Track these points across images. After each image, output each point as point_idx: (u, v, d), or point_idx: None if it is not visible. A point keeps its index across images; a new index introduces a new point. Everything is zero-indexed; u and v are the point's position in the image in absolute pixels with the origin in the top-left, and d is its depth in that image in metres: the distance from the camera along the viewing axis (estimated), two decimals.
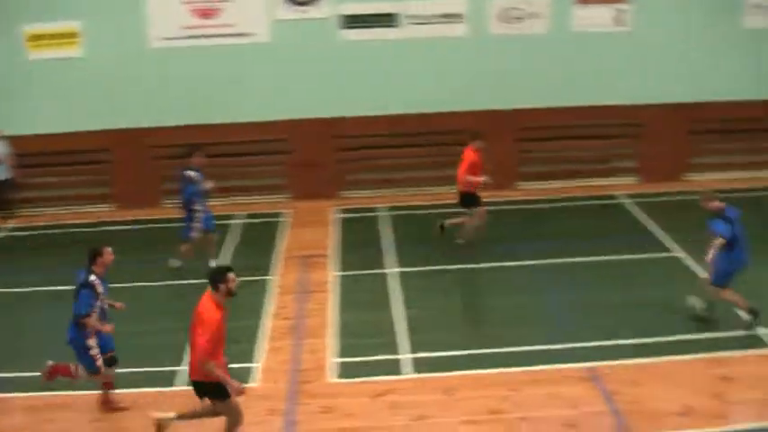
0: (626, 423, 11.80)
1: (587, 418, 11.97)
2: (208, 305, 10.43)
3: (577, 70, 21.53)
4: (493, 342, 14.03)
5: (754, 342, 14.08)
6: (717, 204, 14.20)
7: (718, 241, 13.94)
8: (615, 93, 21.71)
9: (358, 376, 13.09)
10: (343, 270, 17.26)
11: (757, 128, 22.45)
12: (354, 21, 20.77)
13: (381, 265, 17.35)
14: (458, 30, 21.01)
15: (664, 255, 17.74)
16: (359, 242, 18.73)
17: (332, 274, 17.02)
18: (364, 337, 14.31)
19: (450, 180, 21.37)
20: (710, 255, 13.99)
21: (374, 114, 21.16)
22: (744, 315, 14.50)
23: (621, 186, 22.00)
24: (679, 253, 17.73)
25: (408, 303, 15.57)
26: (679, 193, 21.54)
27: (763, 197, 20.67)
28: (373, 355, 13.62)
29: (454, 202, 18.11)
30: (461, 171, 17.64)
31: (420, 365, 13.40)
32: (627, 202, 20.96)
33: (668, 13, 21.60)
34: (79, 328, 11.77)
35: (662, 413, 12.04)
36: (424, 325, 14.75)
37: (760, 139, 22.66)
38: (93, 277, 11.79)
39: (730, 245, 14.00)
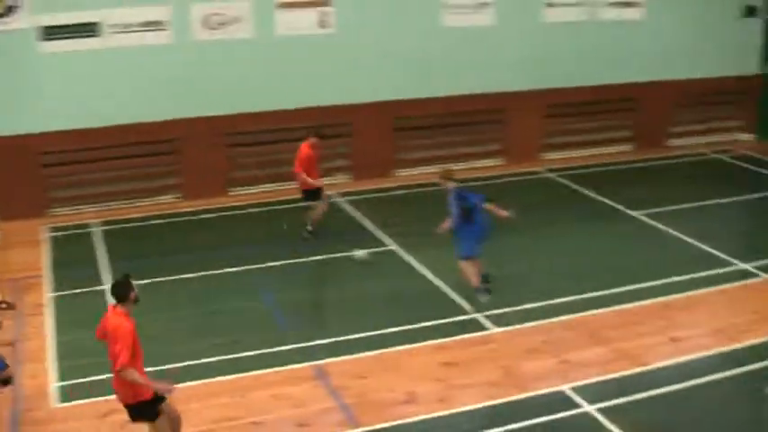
0: (354, 416, 12.07)
1: (317, 415, 12.16)
2: (118, 320, 10.15)
3: (285, 73, 21.69)
4: (219, 350, 13.93)
5: (473, 326, 14.77)
6: (452, 184, 15.30)
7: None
8: (324, 94, 22.07)
9: (83, 398, 12.67)
10: (59, 290, 16.57)
11: (459, 122, 23.51)
12: (54, 31, 19.95)
13: (99, 282, 16.80)
14: (162, 37, 20.65)
15: (381, 249, 18.22)
16: (73, 260, 18.06)
17: (47, 296, 16.39)
18: (87, 357, 13.79)
19: (162, 190, 21.31)
20: (452, 222, 15.15)
21: (78, 128, 20.41)
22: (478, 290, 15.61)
23: (336, 185, 22.38)
24: (394, 246, 18.27)
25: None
26: (389, 189, 22.23)
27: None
28: (98, 375, 13.17)
29: (168, 212, 17.84)
30: (312, 167, 18.18)
31: None
32: (342, 200, 21.35)
33: (370, 15, 22.17)
34: None
35: (388, 403, 12.41)
36: (149, 338, 14.39)
37: (461, 133, 23.77)
38: None
39: (469, 218, 15.11)
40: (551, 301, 15.58)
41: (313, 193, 18.57)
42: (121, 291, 10.36)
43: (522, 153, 24.51)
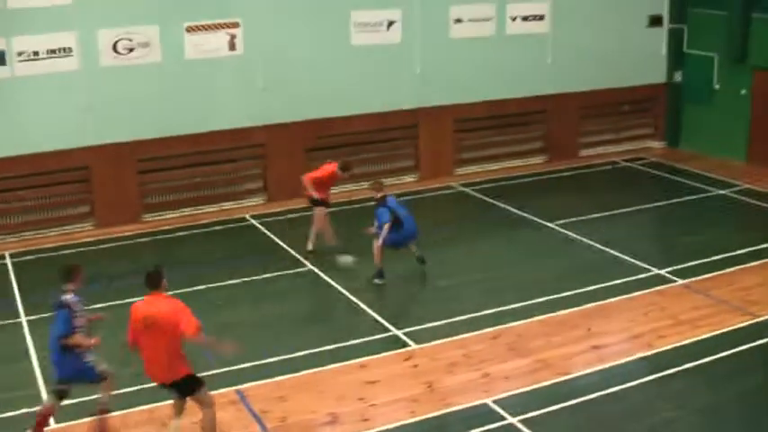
0: None
1: None
2: (170, 301, 11.07)
3: (195, 97, 21.49)
4: (139, 379, 13.62)
5: (394, 343, 14.76)
6: (382, 193, 17.14)
7: (386, 226, 16.74)
8: (233, 116, 21.95)
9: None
10: None
11: (371, 140, 23.51)
12: None
13: (13, 315, 16.42)
14: (70, 64, 20.29)
15: (299, 270, 18.10)
16: None
17: None
18: (3, 392, 13.50)
19: (74, 219, 20.94)
20: (381, 238, 16.84)
21: None
22: (377, 277, 17.08)
23: (249, 208, 22.24)
24: (309, 267, 18.18)
25: (44, 351, 14.83)
26: (304, 209, 22.03)
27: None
28: (16, 410, 12.88)
29: (81, 241, 17.45)
30: (325, 187, 18.64)
31: (63, 414, 12.81)
32: (257, 222, 21.20)
33: (279, 35, 22.08)
34: (66, 350, 11.41)
35: (311, 425, 12.32)
36: None
37: (373, 150, 23.82)
38: (68, 296, 11.48)
39: (397, 224, 16.70)
40: (470, 315, 15.61)
41: (319, 201, 18.63)
42: (155, 279, 11.15)
43: (435, 168, 24.61)
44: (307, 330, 15.33)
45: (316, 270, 18.00)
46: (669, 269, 17.53)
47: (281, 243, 19.72)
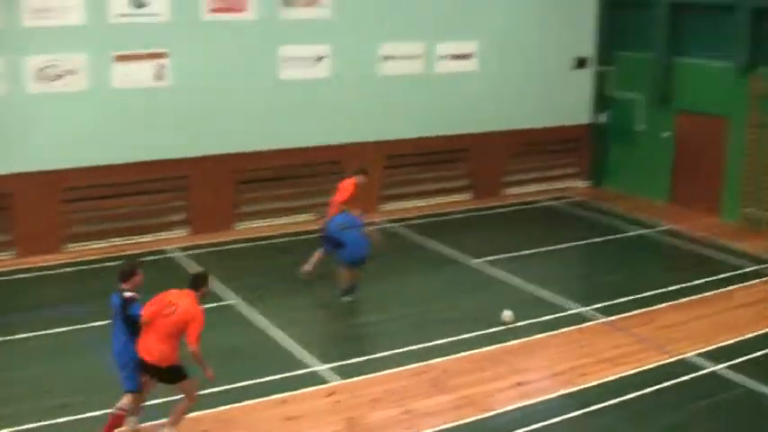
0: None
1: None
2: (192, 304, 11.90)
3: (121, 127, 21.19)
4: (62, 411, 13.32)
5: (316, 379, 14.65)
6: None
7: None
8: (159, 147, 21.72)
9: None
10: None
11: (299, 174, 23.46)
12: None
13: None
14: None
15: (220, 304, 17.88)
16: None
17: None
18: None
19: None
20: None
21: None
22: (342, 293, 17.85)
23: (173, 240, 22.00)
24: (233, 300, 18.02)
25: None
26: (228, 242, 21.96)
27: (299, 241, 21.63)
28: None
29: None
30: (338, 200, 18.44)
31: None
32: (178, 255, 20.97)
33: (207, 67, 21.95)
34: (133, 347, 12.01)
35: None
36: None
37: (301, 185, 23.75)
38: (130, 294, 12.19)
39: (341, 246, 17.51)
40: (394, 351, 15.58)
41: None
42: (199, 281, 12.20)
43: (361, 204, 24.49)
44: (229, 364, 15.11)
45: (240, 304, 17.85)
46: (592, 307, 17.71)
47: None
